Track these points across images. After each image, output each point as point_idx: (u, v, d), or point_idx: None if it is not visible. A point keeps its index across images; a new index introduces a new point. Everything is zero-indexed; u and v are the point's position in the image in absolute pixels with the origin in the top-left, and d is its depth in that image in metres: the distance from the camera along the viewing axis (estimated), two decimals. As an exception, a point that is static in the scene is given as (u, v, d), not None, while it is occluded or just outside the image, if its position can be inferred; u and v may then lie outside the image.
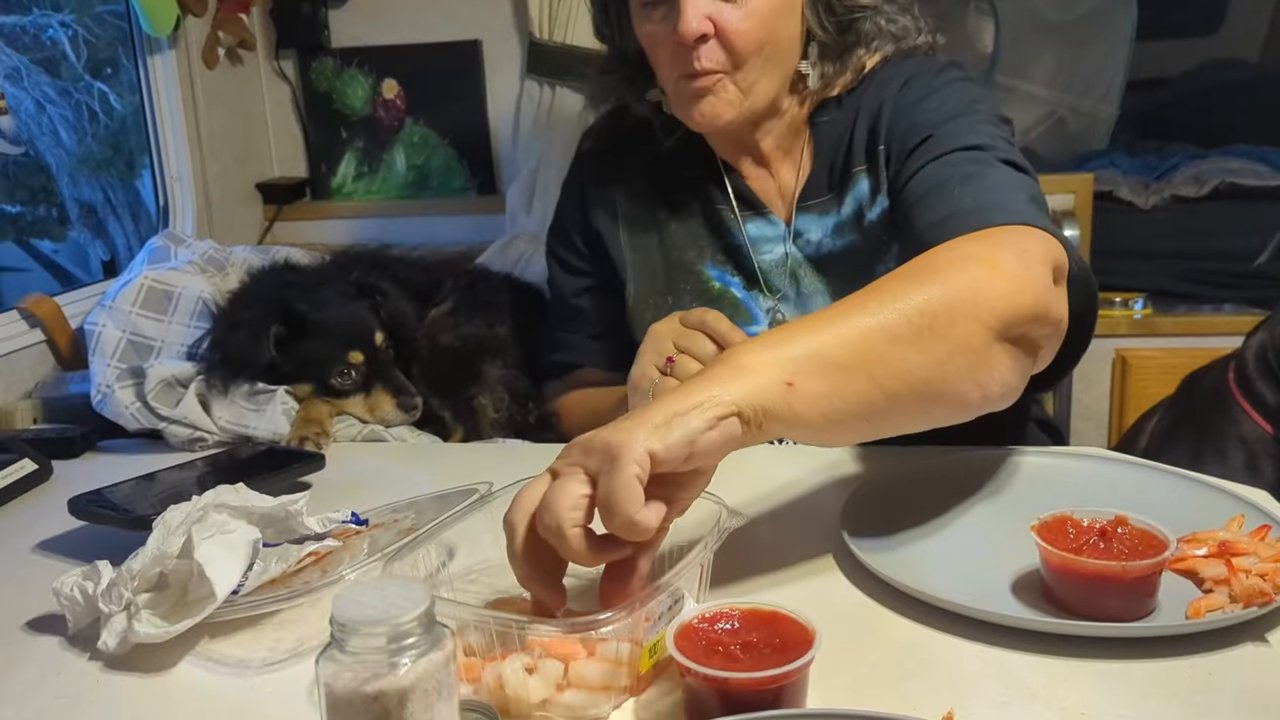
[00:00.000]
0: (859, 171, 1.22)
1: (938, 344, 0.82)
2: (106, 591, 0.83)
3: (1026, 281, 0.88)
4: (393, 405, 1.37)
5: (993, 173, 1.06)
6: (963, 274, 0.86)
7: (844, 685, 0.75)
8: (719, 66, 1.15)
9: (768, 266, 1.27)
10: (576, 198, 1.39)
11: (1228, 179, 2.25)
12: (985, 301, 0.85)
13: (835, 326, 0.81)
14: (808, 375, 0.77)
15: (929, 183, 1.09)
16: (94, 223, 3.72)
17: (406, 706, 0.59)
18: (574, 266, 1.39)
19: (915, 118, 1.17)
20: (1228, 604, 0.81)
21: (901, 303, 0.83)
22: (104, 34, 3.60)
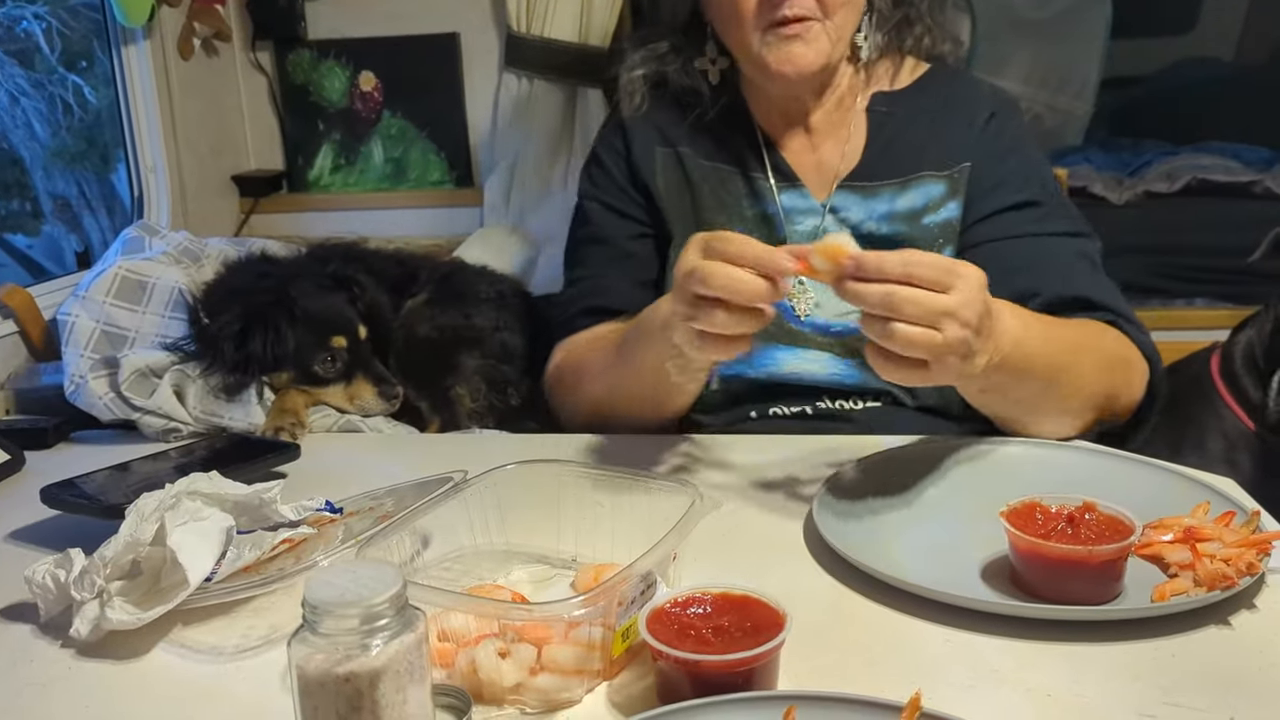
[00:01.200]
0: (929, 176, 1.26)
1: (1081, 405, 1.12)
2: (79, 579, 0.82)
3: (1137, 394, 1.17)
4: (374, 394, 1.37)
5: (1096, 270, 1.23)
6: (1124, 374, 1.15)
7: (814, 668, 0.76)
8: (809, 13, 1.19)
9: (798, 239, 1.28)
10: (621, 145, 1.38)
11: (1200, 175, 2.27)
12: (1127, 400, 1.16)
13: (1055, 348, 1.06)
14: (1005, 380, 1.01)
15: (1041, 253, 1.22)
16: (68, 216, 3.69)
17: (378, 688, 0.59)
18: (627, 213, 1.37)
19: (1017, 166, 1.26)
20: (1192, 588, 0.82)
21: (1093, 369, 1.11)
22: (78, 26, 3.56)
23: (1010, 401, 1.10)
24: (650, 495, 0.90)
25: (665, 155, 1.35)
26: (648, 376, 1.14)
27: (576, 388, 1.29)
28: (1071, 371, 1.09)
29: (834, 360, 1.24)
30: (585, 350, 1.30)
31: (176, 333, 1.35)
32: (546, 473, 0.96)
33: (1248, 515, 0.90)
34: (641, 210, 1.37)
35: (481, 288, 1.57)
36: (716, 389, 1.27)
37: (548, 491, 0.94)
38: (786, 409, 1.26)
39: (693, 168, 1.33)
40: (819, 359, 1.25)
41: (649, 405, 1.21)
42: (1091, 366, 1.12)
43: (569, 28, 2.03)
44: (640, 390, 1.18)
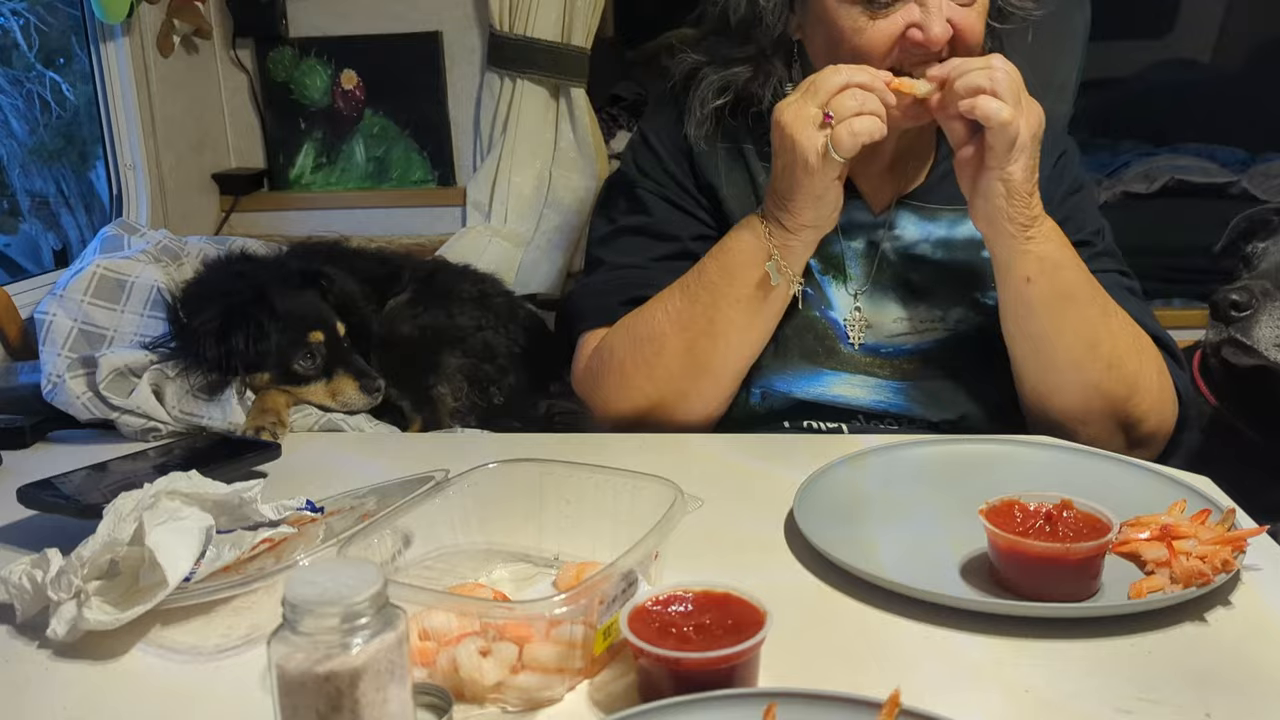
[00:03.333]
0: None
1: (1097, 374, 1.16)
2: (56, 579, 0.82)
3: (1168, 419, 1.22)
4: (355, 388, 1.36)
5: (1146, 309, 1.28)
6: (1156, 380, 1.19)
7: (795, 665, 0.76)
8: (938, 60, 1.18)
9: (852, 255, 1.29)
10: (682, 142, 1.32)
11: (1178, 176, 2.29)
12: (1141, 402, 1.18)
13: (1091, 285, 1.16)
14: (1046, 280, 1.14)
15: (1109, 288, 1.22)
16: (46, 214, 3.65)
17: (359, 687, 0.59)
18: (693, 213, 1.32)
19: (1073, 208, 1.30)
20: (1169, 585, 0.83)
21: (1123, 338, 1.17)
22: (56, 23, 3.53)
23: (1043, 321, 1.14)
24: (632, 494, 0.90)
25: (728, 153, 1.31)
26: (743, 299, 1.17)
27: (643, 365, 1.21)
28: (1100, 323, 1.15)
29: (878, 385, 1.25)
30: (638, 326, 1.23)
31: (155, 332, 1.34)
32: (528, 471, 0.96)
33: (1223, 513, 0.91)
34: (706, 213, 1.32)
35: (464, 287, 1.57)
36: (759, 405, 1.27)
37: (529, 490, 0.94)
38: (822, 424, 1.27)
39: (755, 168, 1.30)
40: (865, 383, 1.26)
41: (741, 346, 1.20)
42: (1124, 332, 1.17)
43: (552, 27, 2.03)
44: (733, 323, 1.18)
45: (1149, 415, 1.20)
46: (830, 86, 1.08)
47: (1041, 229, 1.13)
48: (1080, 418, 1.18)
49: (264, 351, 1.31)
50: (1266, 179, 2.28)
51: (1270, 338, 1.28)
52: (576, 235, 2.08)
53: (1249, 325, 1.28)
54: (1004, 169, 1.09)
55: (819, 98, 1.08)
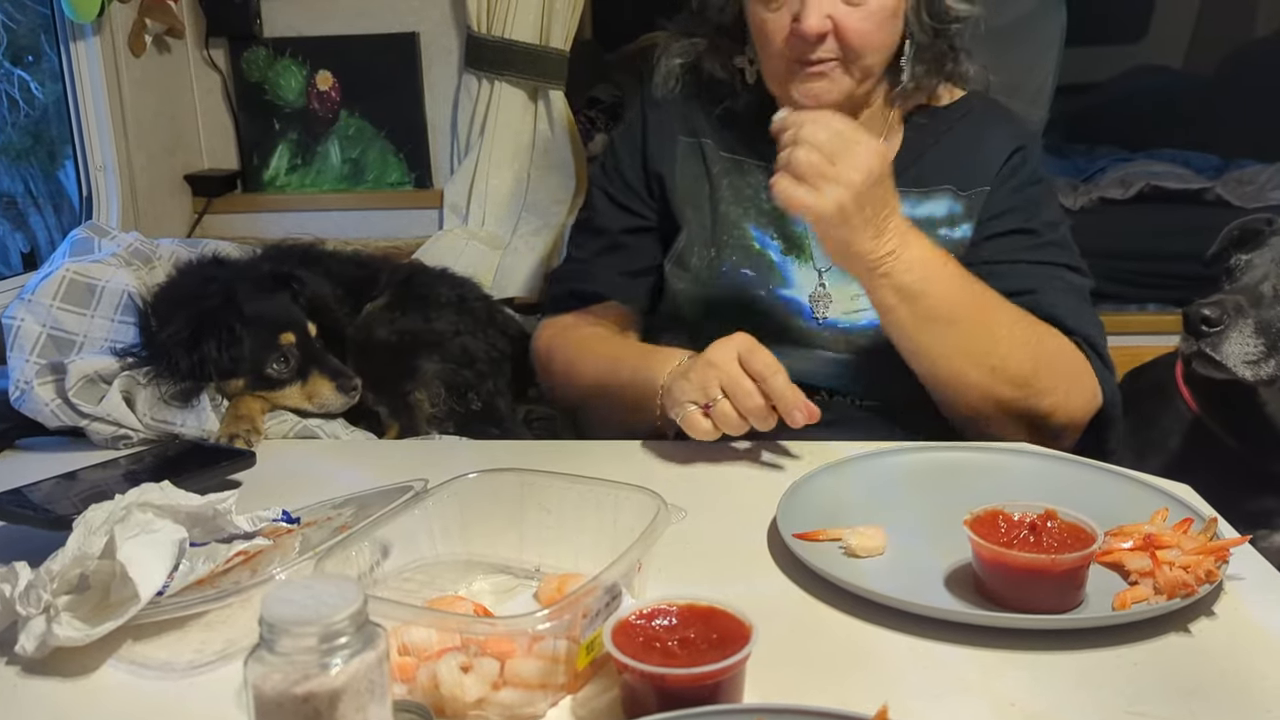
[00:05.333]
0: (950, 192, 1.33)
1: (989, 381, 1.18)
2: (24, 594, 0.80)
3: (1079, 414, 1.23)
4: (331, 388, 1.33)
5: (1084, 304, 1.29)
6: (1058, 378, 1.20)
7: (780, 679, 0.75)
8: (834, 57, 1.25)
9: (814, 235, 1.32)
10: (638, 142, 1.43)
11: (1153, 182, 2.31)
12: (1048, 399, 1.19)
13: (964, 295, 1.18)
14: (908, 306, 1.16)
15: (1037, 278, 1.28)
16: (13, 214, 3.59)
17: (338, 708, 0.58)
18: (628, 206, 1.43)
19: (1023, 199, 1.33)
20: (1153, 595, 0.83)
21: (1010, 344, 1.18)
22: (25, 20, 3.47)
23: (913, 341, 1.18)
24: (615, 504, 0.89)
25: (688, 145, 1.40)
26: (633, 412, 1.22)
27: (568, 380, 1.36)
28: (980, 336, 1.18)
29: (832, 358, 1.32)
30: (580, 350, 1.35)
31: (126, 337, 1.31)
32: (509, 481, 0.94)
33: (1205, 522, 0.91)
34: (645, 205, 1.42)
35: (442, 291, 1.56)
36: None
37: (510, 500, 0.93)
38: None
39: (714, 160, 1.39)
40: (817, 359, 1.31)
41: (632, 423, 1.25)
42: (1013, 339, 1.19)
43: (530, 29, 2.01)
44: (624, 415, 1.26)
45: (1054, 411, 1.21)
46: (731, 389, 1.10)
47: (898, 263, 1.14)
48: (976, 417, 1.22)
49: (237, 358, 1.29)
50: (1240, 185, 2.30)
51: (1239, 354, 1.29)
52: (554, 238, 2.07)
53: (1219, 341, 1.28)
54: (824, 237, 1.14)
55: (709, 394, 1.11)
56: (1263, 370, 1.29)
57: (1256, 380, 1.29)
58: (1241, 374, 1.29)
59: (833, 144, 1.09)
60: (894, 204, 1.15)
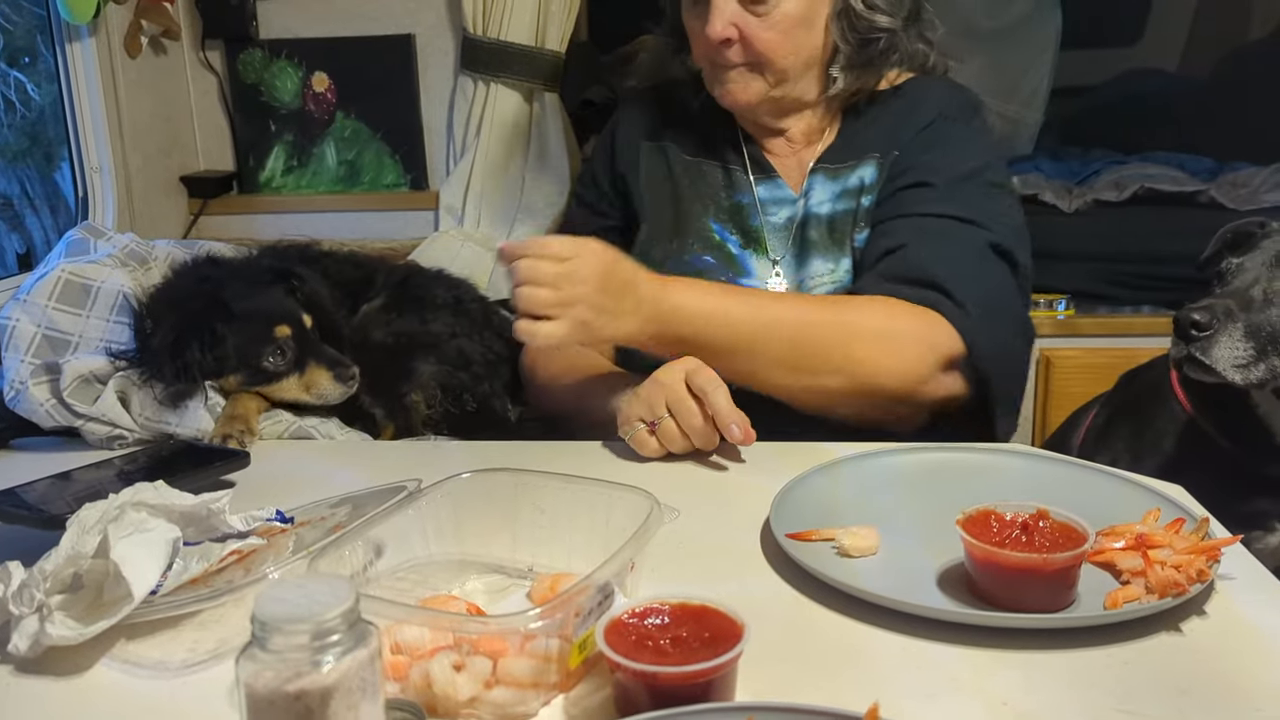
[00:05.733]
0: (872, 158, 1.39)
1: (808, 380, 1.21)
2: (18, 593, 0.80)
3: (911, 373, 1.22)
4: (329, 378, 1.32)
5: (964, 254, 1.28)
6: (868, 349, 1.21)
7: (772, 678, 0.76)
8: (742, 62, 1.34)
9: (771, 229, 1.42)
10: (607, 146, 1.54)
11: (1147, 184, 2.31)
12: (864, 370, 1.21)
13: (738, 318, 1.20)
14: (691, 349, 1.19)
15: (911, 231, 1.30)
16: (10, 215, 3.59)
17: (330, 706, 0.58)
18: (598, 207, 1.53)
19: (932, 158, 1.35)
20: (1144, 595, 0.83)
21: (803, 342, 1.21)
22: (21, 21, 3.47)
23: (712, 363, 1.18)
24: (608, 504, 0.89)
25: (650, 149, 1.49)
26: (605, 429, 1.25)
27: (550, 395, 1.41)
28: (774, 339, 1.21)
29: None
30: (559, 367, 1.40)
31: (121, 338, 1.31)
32: (502, 481, 0.95)
33: (1197, 522, 0.91)
34: (611, 204, 1.52)
35: (439, 293, 1.56)
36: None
37: (504, 500, 0.93)
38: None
39: (675, 161, 1.47)
40: None
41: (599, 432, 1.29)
42: (807, 335, 1.21)
43: (526, 31, 2.02)
44: (599, 432, 1.27)
45: (885, 384, 1.22)
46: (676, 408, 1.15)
47: (666, 325, 1.19)
48: (821, 408, 1.25)
49: (221, 357, 1.28)
50: (1234, 188, 2.30)
51: (1228, 358, 1.29)
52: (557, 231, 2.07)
53: (1208, 345, 1.28)
54: (590, 344, 1.24)
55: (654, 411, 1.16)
56: (1252, 374, 1.29)
57: (1246, 384, 1.29)
58: (1231, 378, 1.29)
59: (553, 272, 1.13)
60: (635, 278, 1.18)
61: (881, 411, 1.26)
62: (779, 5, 1.30)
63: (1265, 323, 1.29)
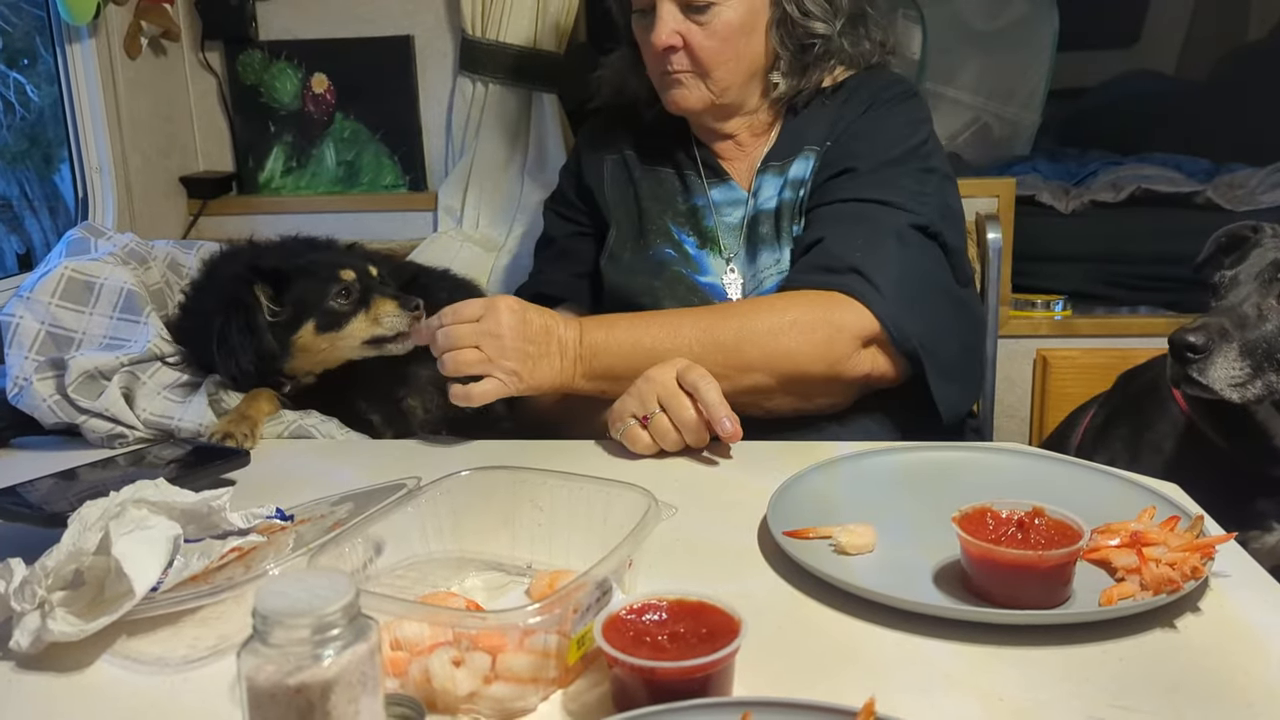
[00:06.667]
0: (810, 150, 1.43)
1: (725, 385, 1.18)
2: (19, 590, 0.80)
3: (826, 356, 1.26)
4: (395, 306, 1.33)
5: (878, 236, 1.31)
6: (779, 341, 1.25)
7: (769, 674, 0.76)
8: (686, 69, 1.40)
9: (725, 229, 1.47)
10: (574, 163, 1.63)
11: (1144, 185, 2.31)
12: (781, 363, 1.25)
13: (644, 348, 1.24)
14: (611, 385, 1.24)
15: (830, 219, 1.35)
16: (9, 217, 3.59)
17: (330, 699, 0.58)
18: (569, 216, 1.61)
19: (860, 146, 1.40)
20: (1139, 592, 0.84)
21: (711, 353, 1.23)
22: (20, 23, 3.47)
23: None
24: (605, 501, 0.90)
25: (613, 162, 1.56)
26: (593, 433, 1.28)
27: (535, 401, 1.39)
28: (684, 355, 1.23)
29: None
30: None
31: (125, 335, 1.31)
32: (501, 479, 0.95)
33: (1191, 520, 0.92)
34: (581, 213, 1.59)
35: (443, 295, 1.56)
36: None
37: (502, 498, 0.94)
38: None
39: (635, 168, 1.54)
40: None
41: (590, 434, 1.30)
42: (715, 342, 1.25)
43: (524, 32, 2.03)
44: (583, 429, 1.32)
45: (807, 370, 1.27)
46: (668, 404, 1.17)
47: (586, 364, 1.25)
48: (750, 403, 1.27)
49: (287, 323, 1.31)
50: (1231, 189, 2.31)
51: (1225, 378, 1.30)
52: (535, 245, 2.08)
53: (1204, 366, 1.29)
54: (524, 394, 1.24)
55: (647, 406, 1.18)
56: (1249, 391, 1.30)
57: (1243, 401, 1.30)
58: (1228, 396, 1.30)
59: (472, 333, 1.19)
60: (551, 323, 1.24)
61: (815, 398, 1.31)
62: (720, 15, 1.37)
63: (1260, 340, 1.29)
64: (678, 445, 1.17)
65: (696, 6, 1.36)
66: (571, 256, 1.58)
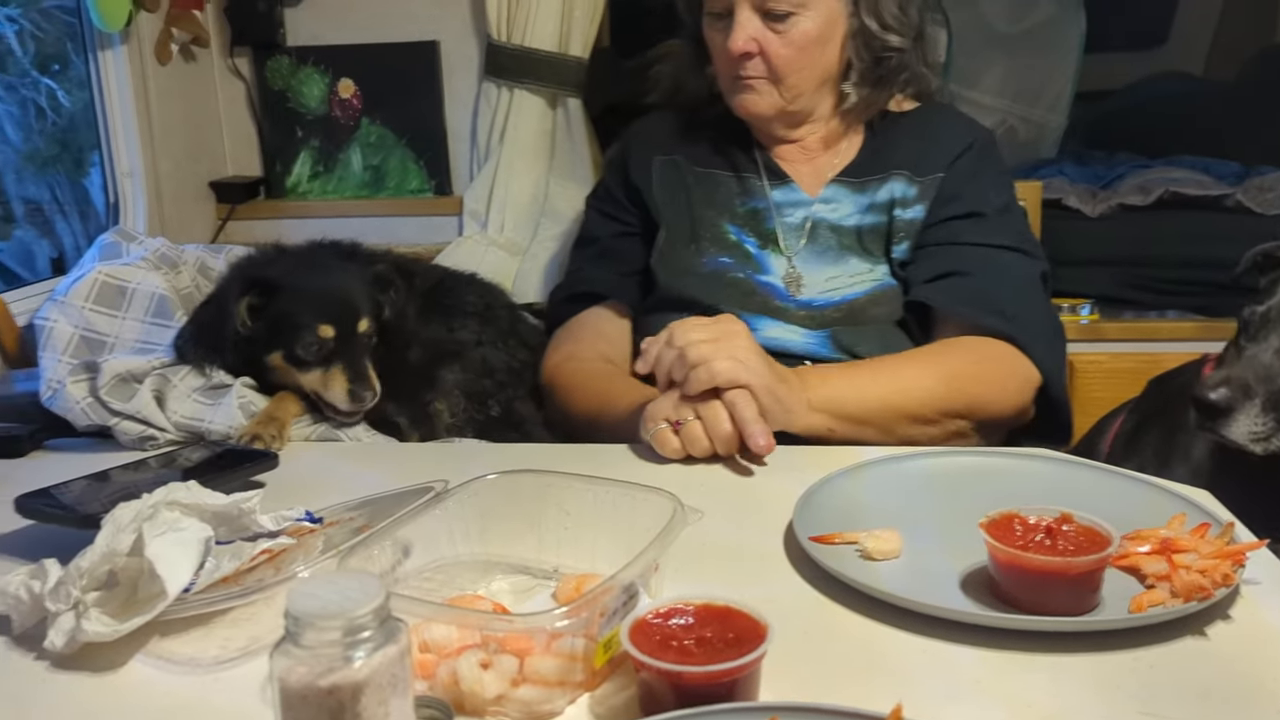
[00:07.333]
0: (904, 176, 1.46)
1: (937, 429, 1.29)
2: (54, 590, 0.81)
3: (1014, 405, 1.33)
4: (345, 385, 1.31)
5: (1027, 286, 1.40)
6: (983, 390, 1.30)
7: (796, 679, 0.76)
8: (761, 75, 1.42)
9: (786, 229, 1.48)
10: (619, 161, 1.61)
11: (1172, 189, 2.29)
12: (985, 409, 1.31)
13: (874, 396, 1.26)
14: (842, 426, 1.24)
15: (975, 260, 1.39)
16: (40, 220, 3.64)
17: (361, 701, 0.59)
18: (614, 215, 1.60)
19: (978, 187, 1.45)
20: (1169, 599, 0.83)
21: (930, 401, 1.28)
22: (51, 29, 3.52)
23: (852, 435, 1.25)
24: (632, 506, 0.90)
25: (663, 162, 1.55)
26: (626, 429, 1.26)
27: (565, 412, 1.43)
28: (896, 419, 1.27)
29: (808, 332, 1.42)
30: (577, 384, 1.44)
31: (156, 338, 1.33)
32: (528, 483, 0.96)
33: (1222, 527, 0.91)
34: (628, 213, 1.58)
35: (470, 300, 1.57)
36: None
37: (529, 501, 0.94)
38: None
39: (688, 172, 1.53)
40: (796, 331, 1.42)
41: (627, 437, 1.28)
42: (927, 396, 1.28)
43: (550, 37, 2.03)
44: (618, 433, 1.29)
45: (998, 418, 1.33)
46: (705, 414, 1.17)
47: (799, 418, 1.21)
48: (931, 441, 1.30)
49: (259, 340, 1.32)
50: (1261, 192, 2.28)
51: (1247, 433, 1.29)
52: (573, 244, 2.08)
53: (1227, 422, 1.29)
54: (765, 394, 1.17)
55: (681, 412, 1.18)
56: (1273, 444, 1.29)
57: (1266, 454, 1.29)
58: (1251, 449, 1.29)
59: (707, 331, 1.16)
60: (784, 369, 1.22)
61: (975, 440, 1.34)
62: (798, 24, 1.38)
63: None
64: (707, 453, 1.16)
65: (776, 14, 1.38)
66: (616, 255, 1.58)
